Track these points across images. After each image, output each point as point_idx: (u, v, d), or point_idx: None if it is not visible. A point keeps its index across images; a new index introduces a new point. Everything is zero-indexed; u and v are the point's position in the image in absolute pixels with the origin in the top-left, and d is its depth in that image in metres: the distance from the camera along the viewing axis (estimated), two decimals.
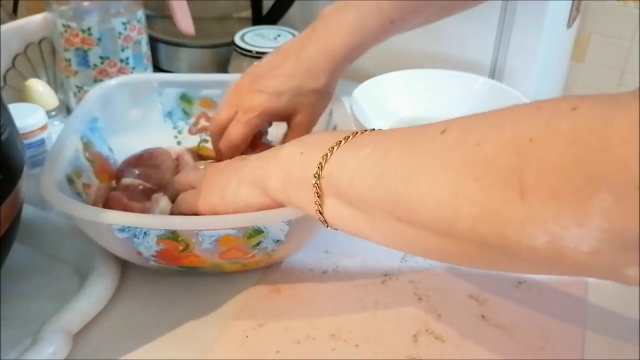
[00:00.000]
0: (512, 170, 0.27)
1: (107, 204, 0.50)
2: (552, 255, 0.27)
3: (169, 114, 0.62)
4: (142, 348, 0.43)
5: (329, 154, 0.37)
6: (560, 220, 0.26)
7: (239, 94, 0.53)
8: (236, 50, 0.77)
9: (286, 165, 0.40)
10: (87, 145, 0.54)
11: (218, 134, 0.55)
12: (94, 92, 0.58)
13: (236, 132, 0.53)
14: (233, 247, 0.44)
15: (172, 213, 0.50)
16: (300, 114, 0.53)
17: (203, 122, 0.63)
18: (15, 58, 0.72)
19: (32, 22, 0.73)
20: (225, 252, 0.44)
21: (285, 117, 0.54)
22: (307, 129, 0.54)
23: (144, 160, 0.57)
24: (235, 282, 0.49)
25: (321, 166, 0.37)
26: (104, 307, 0.45)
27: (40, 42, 0.74)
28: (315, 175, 0.37)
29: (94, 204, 0.50)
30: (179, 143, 0.63)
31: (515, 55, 0.81)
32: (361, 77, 0.74)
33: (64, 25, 0.67)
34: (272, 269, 0.51)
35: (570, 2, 0.93)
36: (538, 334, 0.45)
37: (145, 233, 0.42)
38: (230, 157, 0.53)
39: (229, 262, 0.46)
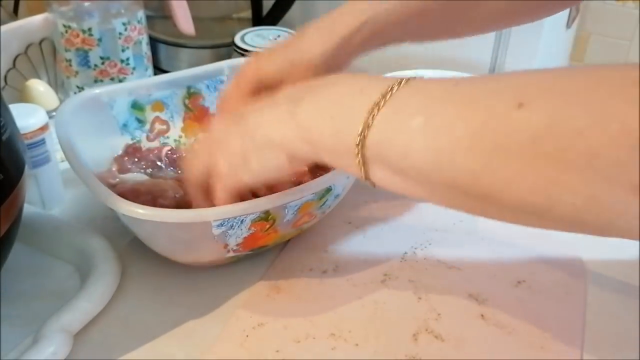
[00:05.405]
0: (620, 165, 0.26)
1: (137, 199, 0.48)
2: None
3: (125, 126, 0.59)
4: (143, 347, 0.43)
5: (371, 120, 0.34)
6: None
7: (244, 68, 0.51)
8: (236, 51, 0.77)
9: (314, 132, 0.37)
10: None
11: (220, 101, 0.53)
12: (55, 122, 0.53)
13: (229, 87, 0.51)
14: (307, 212, 0.47)
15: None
16: (286, 85, 0.48)
17: (158, 126, 0.60)
18: (16, 58, 0.72)
19: (32, 23, 0.73)
20: (299, 220, 0.47)
21: (274, 85, 0.49)
22: None
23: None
24: (236, 281, 0.49)
25: (364, 135, 0.34)
26: (105, 307, 0.45)
27: (40, 42, 0.74)
28: (358, 145, 0.34)
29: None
30: None
31: (515, 55, 0.81)
32: None
33: (64, 26, 0.68)
34: (273, 268, 0.51)
35: None
36: (538, 334, 0.45)
37: (241, 221, 0.43)
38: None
39: (294, 230, 0.50)
